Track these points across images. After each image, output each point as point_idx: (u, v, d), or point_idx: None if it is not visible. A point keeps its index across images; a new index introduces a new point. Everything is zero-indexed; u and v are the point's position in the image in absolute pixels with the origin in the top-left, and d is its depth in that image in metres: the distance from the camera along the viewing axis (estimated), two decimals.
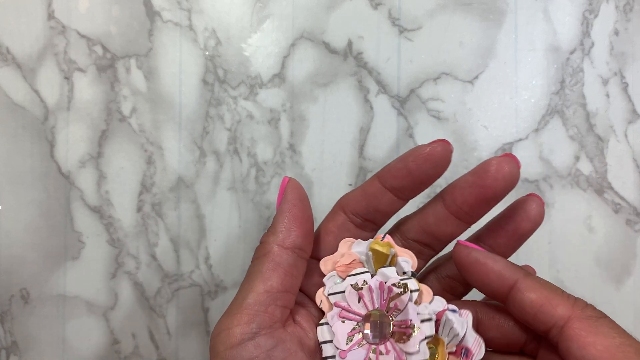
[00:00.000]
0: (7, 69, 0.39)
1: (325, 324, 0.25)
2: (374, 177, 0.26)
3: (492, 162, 0.24)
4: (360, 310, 0.25)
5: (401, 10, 0.39)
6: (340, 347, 0.24)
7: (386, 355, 0.24)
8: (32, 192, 0.39)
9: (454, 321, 0.24)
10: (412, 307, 0.24)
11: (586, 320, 0.22)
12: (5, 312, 0.39)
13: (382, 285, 0.24)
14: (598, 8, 0.39)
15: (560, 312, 0.23)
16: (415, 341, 0.24)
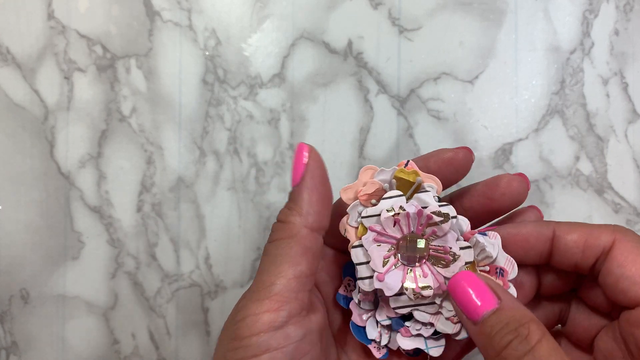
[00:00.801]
0: (7, 69, 0.39)
1: (359, 247, 0.25)
2: None
3: (504, 177, 0.25)
4: (395, 234, 0.25)
5: (401, 10, 0.39)
6: (377, 269, 0.24)
7: (424, 278, 0.24)
8: (32, 192, 0.39)
9: (485, 243, 0.24)
10: (452, 235, 0.24)
11: (628, 242, 0.23)
12: (5, 312, 0.39)
13: (421, 212, 0.24)
14: (598, 8, 0.39)
15: (605, 240, 0.23)
16: (455, 267, 0.24)
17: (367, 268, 0.25)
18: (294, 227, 0.24)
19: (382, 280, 0.24)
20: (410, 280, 0.24)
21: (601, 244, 0.23)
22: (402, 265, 0.25)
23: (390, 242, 0.25)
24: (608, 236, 0.23)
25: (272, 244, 0.24)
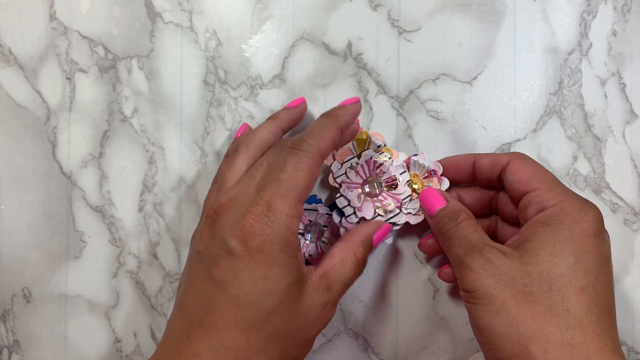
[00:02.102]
0: (9, 70, 0.39)
1: (340, 196, 0.36)
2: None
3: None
4: (359, 180, 0.36)
5: (400, 12, 0.39)
6: (355, 205, 0.36)
7: (386, 201, 0.36)
8: (34, 192, 0.39)
9: (419, 160, 0.36)
10: (392, 168, 0.36)
11: (518, 158, 0.33)
12: (7, 311, 0.39)
13: (369, 162, 0.36)
14: (596, 9, 0.39)
15: (504, 160, 0.34)
16: (401, 186, 0.36)
17: (350, 207, 0.36)
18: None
19: (362, 211, 0.36)
20: (379, 204, 0.36)
21: (502, 162, 0.34)
22: (370, 199, 0.36)
23: (358, 186, 0.36)
24: (506, 157, 0.34)
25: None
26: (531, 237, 0.30)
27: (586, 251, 0.29)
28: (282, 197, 0.29)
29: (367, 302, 0.39)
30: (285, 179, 0.29)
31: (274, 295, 0.29)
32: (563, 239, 0.29)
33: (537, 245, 0.29)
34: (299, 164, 0.30)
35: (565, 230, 0.29)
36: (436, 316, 0.39)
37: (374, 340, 0.39)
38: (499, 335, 0.28)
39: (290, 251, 0.29)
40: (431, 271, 0.39)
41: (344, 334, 0.39)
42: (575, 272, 0.28)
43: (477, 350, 0.38)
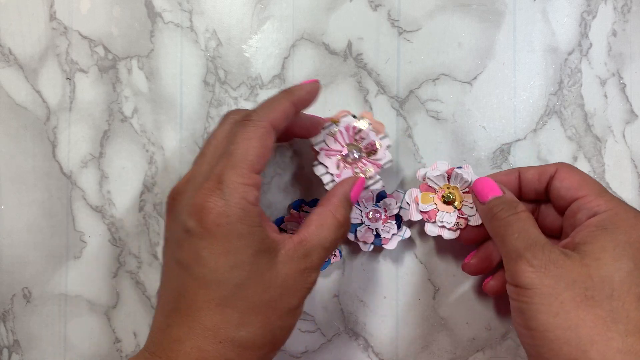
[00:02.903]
0: (9, 70, 0.39)
1: (318, 164, 0.35)
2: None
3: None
4: (338, 147, 0.35)
5: (400, 12, 0.39)
6: (334, 172, 0.35)
7: (366, 167, 0.35)
8: (34, 192, 0.39)
9: (462, 173, 0.36)
10: (371, 134, 0.35)
11: (565, 167, 0.33)
12: (7, 311, 0.39)
13: (348, 127, 0.35)
14: (596, 9, 0.39)
15: (551, 170, 0.34)
16: (382, 152, 0.35)
17: (328, 175, 0.35)
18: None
19: (340, 177, 0.35)
20: (358, 171, 0.35)
21: (549, 171, 0.34)
22: (350, 165, 0.35)
23: (337, 153, 0.35)
24: (553, 167, 0.34)
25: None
26: (589, 240, 0.29)
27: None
28: (232, 167, 0.28)
29: (367, 302, 0.39)
30: (234, 149, 0.29)
31: (240, 268, 0.28)
32: (622, 243, 0.29)
33: (597, 248, 0.29)
34: (248, 133, 0.29)
35: (623, 235, 0.29)
36: (436, 316, 0.39)
37: (374, 340, 0.39)
38: (556, 338, 0.28)
39: (249, 220, 0.28)
40: (431, 271, 0.39)
41: (344, 334, 0.39)
42: (635, 279, 0.28)
43: (477, 350, 0.38)
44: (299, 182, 0.39)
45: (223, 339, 0.28)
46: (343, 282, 0.39)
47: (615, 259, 0.28)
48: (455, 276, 0.39)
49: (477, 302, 0.38)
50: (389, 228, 0.37)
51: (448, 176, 0.36)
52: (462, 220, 0.36)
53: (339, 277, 0.39)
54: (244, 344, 0.28)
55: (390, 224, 0.38)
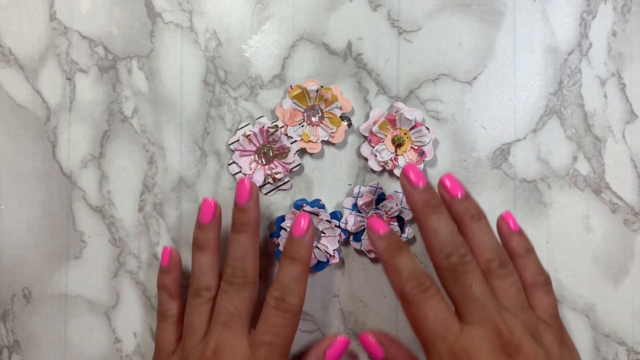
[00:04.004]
0: (9, 70, 0.39)
1: (232, 163, 0.38)
2: None
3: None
4: (252, 148, 0.38)
5: (400, 12, 0.39)
6: (246, 172, 0.38)
7: (276, 168, 0.38)
8: (34, 192, 0.39)
9: (405, 113, 0.37)
10: (283, 138, 0.38)
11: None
12: (8, 311, 0.39)
13: (262, 130, 0.38)
14: (596, 9, 0.39)
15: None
16: (290, 155, 0.38)
17: (240, 174, 0.38)
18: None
19: (252, 178, 0.38)
20: (269, 172, 0.38)
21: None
22: (262, 166, 0.38)
23: (250, 153, 0.38)
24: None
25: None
26: None
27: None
28: (279, 357, 0.32)
29: (367, 302, 0.39)
30: (278, 342, 0.32)
31: None
32: None
33: None
34: (287, 326, 0.32)
35: None
36: None
37: None
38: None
39: None
40: (431, 271, 0.39)
41: (344, 334, 0.39)
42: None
43: None
44: (299, 182, 0.39)
45: None
46: (343, 282, 0.39)
47: None
48: None
49: None
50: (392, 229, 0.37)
51: (392, 122, 0.38)
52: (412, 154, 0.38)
53: (339, 277, 0.39)
54: None
55: (392, 225, 0.38)
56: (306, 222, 0.34)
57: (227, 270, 0.34)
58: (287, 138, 0.38)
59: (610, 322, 0.38)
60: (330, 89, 0.37)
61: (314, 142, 0.38)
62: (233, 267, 0.34)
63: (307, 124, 0.38)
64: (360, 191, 0.38)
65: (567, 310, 0.38)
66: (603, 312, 0.38)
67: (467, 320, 0.30)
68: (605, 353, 0.38)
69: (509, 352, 0.29)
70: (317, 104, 0.38)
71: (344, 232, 0.38)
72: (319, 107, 0.38)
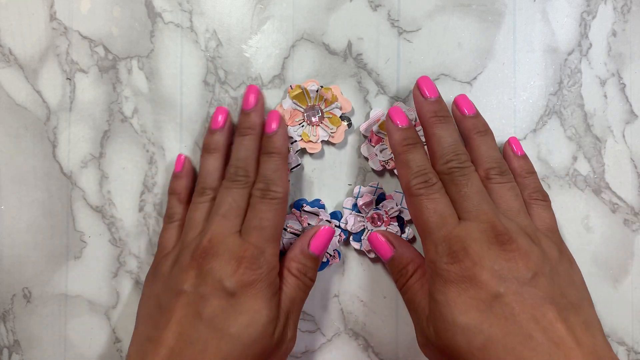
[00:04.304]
0: (9, 70, 0.39)
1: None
2: None
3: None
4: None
5: (400, 12, 0.39)
6: None
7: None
8: (34, 192, 0.39)
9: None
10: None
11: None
12: (8, 311, 0.39)
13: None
14: (596, 9, 0.39)
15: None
16: (290, 155, 0.37)
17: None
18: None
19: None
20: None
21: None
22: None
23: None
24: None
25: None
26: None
27: None
28: (268, 241, 0.33)
29: (367, 302, 0.39)
30: (267, 225, 0.33)
31: (254, 327, 0.31)
32: None
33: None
34: (274, 211, 0.34)
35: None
36: None
37: (374, 340, 0.39)
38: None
39: (274, 288, 0.33)
40: None
41: (344, 334, 0.39)
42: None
43: None
44: (299, 182, 0.39)
45: None
46: (343, 282, 0.39)
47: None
48: None
49: None
50: (392, 230, 0.38)
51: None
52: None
53: (339, 277, 0.39)
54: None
55: (393, 226, 0.38)
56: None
57: (230, 170, 0.35)
58: (288, 138, 0.38)
59: (610, 322, 0.38)
60: (330, 89, 0.38)
61: (314, 142, 0.38)
62: (236, 167, 0.35)
63: (307, 124, 0.38)
64: (360, 191, 0.38)
65: None
66: (603, 312, 0.38)
67: (463, 216, 0.32)
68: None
69: (502, 241, 0.30)
70: (317, 104, 0.38)
71: (344, 232, 0.38)
72: (319, 107, 0.38)
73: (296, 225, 0.38)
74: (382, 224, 0.38)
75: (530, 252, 0.30)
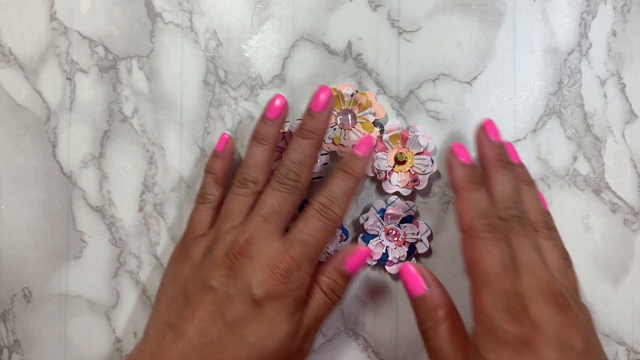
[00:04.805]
0: (9, 70, 0.39)
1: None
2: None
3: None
4: (282, 145, 0.38)
5: (400, 12, 0.39)
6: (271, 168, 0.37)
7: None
8: (35, 192, 0.39)
9: (419, 140, 0.37)
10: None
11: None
12: (8, 311, 0.39)
13: (291, 133, 0.38)
14: (596, 9, 0.39)
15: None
16: (317, 166, 0.37)
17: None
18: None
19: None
20: None
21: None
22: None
23: (279, 150, 0.38)
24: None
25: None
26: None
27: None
28: (308, 259, 0.32)
29: (367, 302, 0.39)
30: (312, 243, 0.32)
31: (272, 340, 0.31)
32: None
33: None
34: (325, 232, 0.33)
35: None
36: None
37: (374, 340, 0.39)
38: None
39: (299, 305, 0.32)
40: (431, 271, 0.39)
41: (344, 334, 0.39)
42: None
43: None
44: None
45: None
46: None
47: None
48: (455, 276, 0.39)
49: None
50: (398, 253, 0.37)
51: (403, 139, 0.37)
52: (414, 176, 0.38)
53: None
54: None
55: (401, 249, 0.38)
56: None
57: (282, 170, 0.34)
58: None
59: (610, 322, 0.38)
60: (366, 94, 0.37)
61: (345, 146, 0.37)
62: (288, 169, 0.33)
63: (339, 128, 0.38)
64: (395, 201, 0.38)
65: None
66: (603, 312, 0.38)
67: (518, 268, 0.30)
68: (605, 353, 0.38)
69: (561, 304, 0.28)
70: (350, 108, 0.38)
71: (345, 232, 0.38)
72: (352, 111, 0.37)
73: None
74: (395, 242, 0.38)
75: (579, 318, 0.29)
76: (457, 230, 0.38)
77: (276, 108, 0.35)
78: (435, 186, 0.39)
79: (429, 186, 0.38)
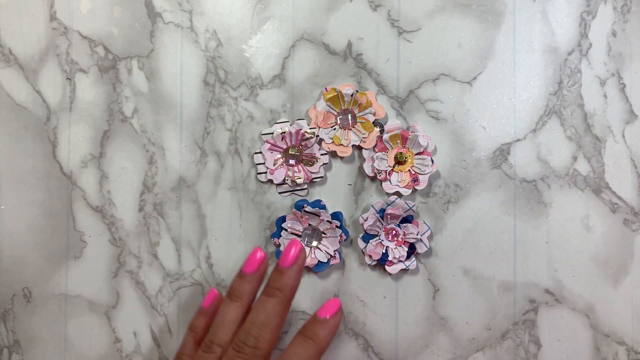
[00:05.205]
0: (9, 70, 0.39)
1: (259, 153, 0.38)
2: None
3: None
4: (282, 145, 0.38)
5: (400, 12, 0.39)
6: (269, 166, 0.38)
7: (298, 173, 0.38)
8: (35, 192, 0.39)
9: (419, 140, 0.37)
10: (315, 147, 0.38)
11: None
12: (8, 310, 0.39)
13: (298, 132, 0.38)
14: (596, 9, 0.39)
15: None
16: (317, 166, 0.38)
17: (264, 166, 0.38)
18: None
19: (273, 174, 0.38)
20: (290, 174, 0.38)
21: None
22: (286, 166, 0.38)
23: (279, 150, 0.38)
24: None
25: None
26: None
27: None
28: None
29: (367, 302, 0.39)
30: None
31: None
32: None
33: None
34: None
35: None
36: (436, 316, 0.39)
37: (374, 340, 0.39)
38: None
39: None
40: (431, 271, 0.39)
41: (344, 334, 0.39)
42: None
43: (476, 350, 0.38)
44: None
45: None
46: (343, 282, 0.39)
47: None
48: (455, 276, 0.39)
49: (477, 302, 0.38)
50: (398, 253, 0.38)
51: (404, 139, 0.38)
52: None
53: (339, 277, 0.39)
54: None
55: (401, 249, 0.38)
56: (297, 250, 0.32)
57: (241, 335, 0.31)
58: (319, 149, 0.38)
59: (610, 322, 0.38)
60: (366, 94, 0.37)
61: (345, 146, 0.38)
62: (247, 333, 0.31)
63: (339, 127, 0.38)
64: (395, 201, 0.38)
65: (567, 310, 0.38)
66: (603, 312, 0.38)
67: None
68: (605, 353, 0.38)
69: None
70: (350, 108, 0.38)
71: (345, 233, 0.38)
72: (353, 111, 0.38)
73: (297, 225, 0.38)
74: (395, 241, 0.38)
75: None
76: (457, 230, 0.38)
77: (255, 261, 0.33)
78: (435, 186, 0.39)
79: (429, 186, 0.38)
